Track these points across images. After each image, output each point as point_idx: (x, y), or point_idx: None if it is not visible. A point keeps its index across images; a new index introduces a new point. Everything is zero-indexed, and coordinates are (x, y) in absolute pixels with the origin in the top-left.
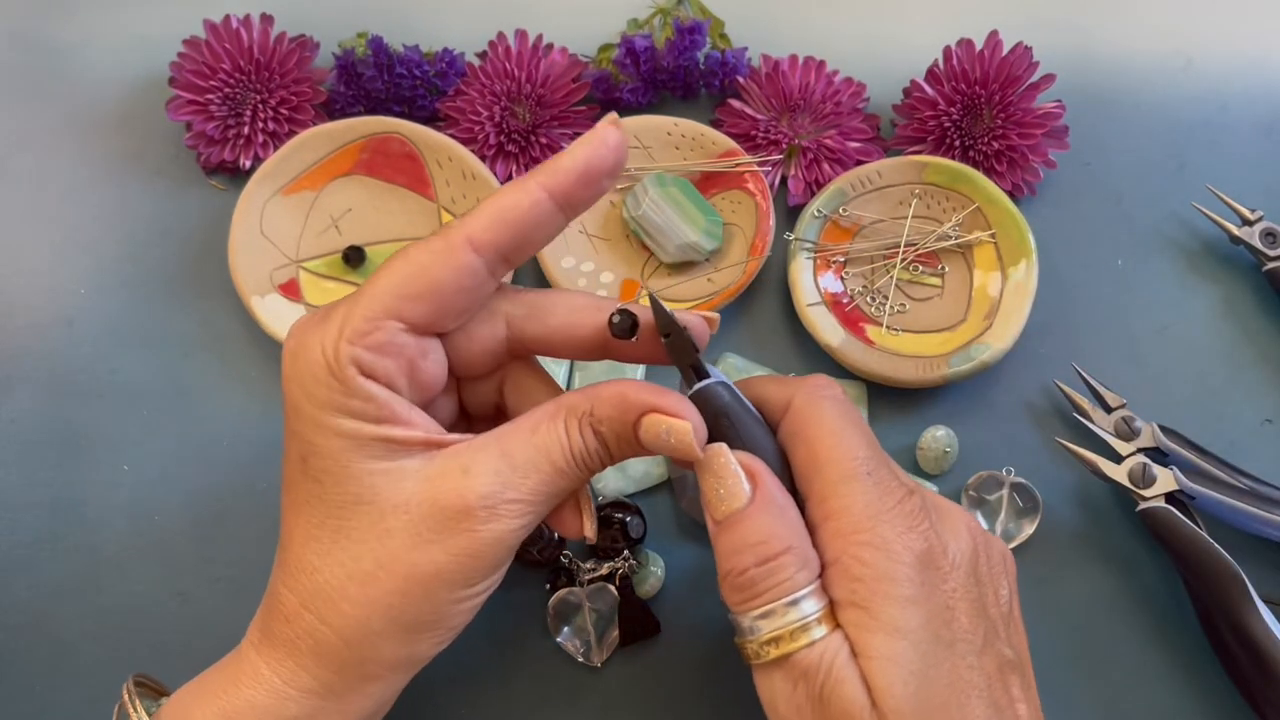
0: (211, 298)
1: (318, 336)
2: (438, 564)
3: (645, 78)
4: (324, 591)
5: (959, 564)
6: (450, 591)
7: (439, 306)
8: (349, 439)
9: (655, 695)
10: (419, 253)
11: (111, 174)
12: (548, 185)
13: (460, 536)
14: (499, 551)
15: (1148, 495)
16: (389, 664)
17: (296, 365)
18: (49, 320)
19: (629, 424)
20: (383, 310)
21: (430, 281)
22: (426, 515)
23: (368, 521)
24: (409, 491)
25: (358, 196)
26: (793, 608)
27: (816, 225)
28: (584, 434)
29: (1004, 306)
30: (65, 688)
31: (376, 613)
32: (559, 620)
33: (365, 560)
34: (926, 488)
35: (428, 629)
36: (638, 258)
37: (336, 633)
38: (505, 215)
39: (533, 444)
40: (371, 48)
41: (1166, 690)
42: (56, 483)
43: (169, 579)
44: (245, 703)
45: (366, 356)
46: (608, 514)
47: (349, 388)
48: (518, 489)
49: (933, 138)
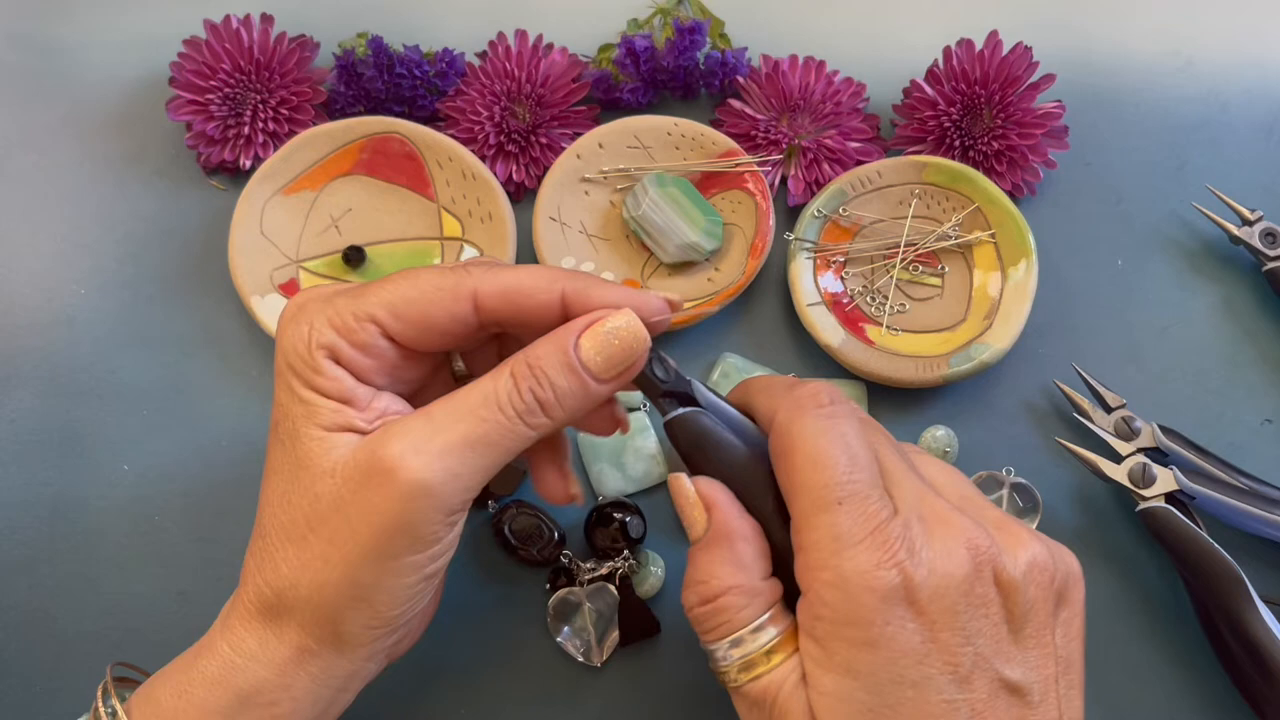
0: (211, 298)
1: (311, 314)
2: (355, 526)
3: (645, 78)
4: (269, 552)
5: (942, 592)
6: (371, 560)
7: (421, 335)
8: (308, 406)
9: (655, 695)
10: (427, 281)
11: (111, 174)
12: (569, 298)
13: (375, 495)
14: (417, 515)
15: (1148, 495)
16: (320, 635)
17: (285, 334)
18: (49, 320)
19: (566, 349)
20: (370, 316)
21: (423, 313)
22: (349, 477)
23: (304, 484)
24: (337, 457)
25: (358, 196)
26: (751, 636)
27: (816, 225)
28: (516, 375)
29: (1004, 306)
30: (65, 687)
31: (304, 577)
32: (559, 620)
33: (300, 523)
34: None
35: (350, 603)
36: (638, 258)
37: (275, 593)
38: (518, 296)
39: (457, 397)
40: (371, 48)
41: (1166, 690)
42: (56, 483)
43: (169, 579)
44: (199, 675)
45: (344, 348)
46: (608, 514)
47: (316, 367)
48: (433, 438)
49: (933, 138)
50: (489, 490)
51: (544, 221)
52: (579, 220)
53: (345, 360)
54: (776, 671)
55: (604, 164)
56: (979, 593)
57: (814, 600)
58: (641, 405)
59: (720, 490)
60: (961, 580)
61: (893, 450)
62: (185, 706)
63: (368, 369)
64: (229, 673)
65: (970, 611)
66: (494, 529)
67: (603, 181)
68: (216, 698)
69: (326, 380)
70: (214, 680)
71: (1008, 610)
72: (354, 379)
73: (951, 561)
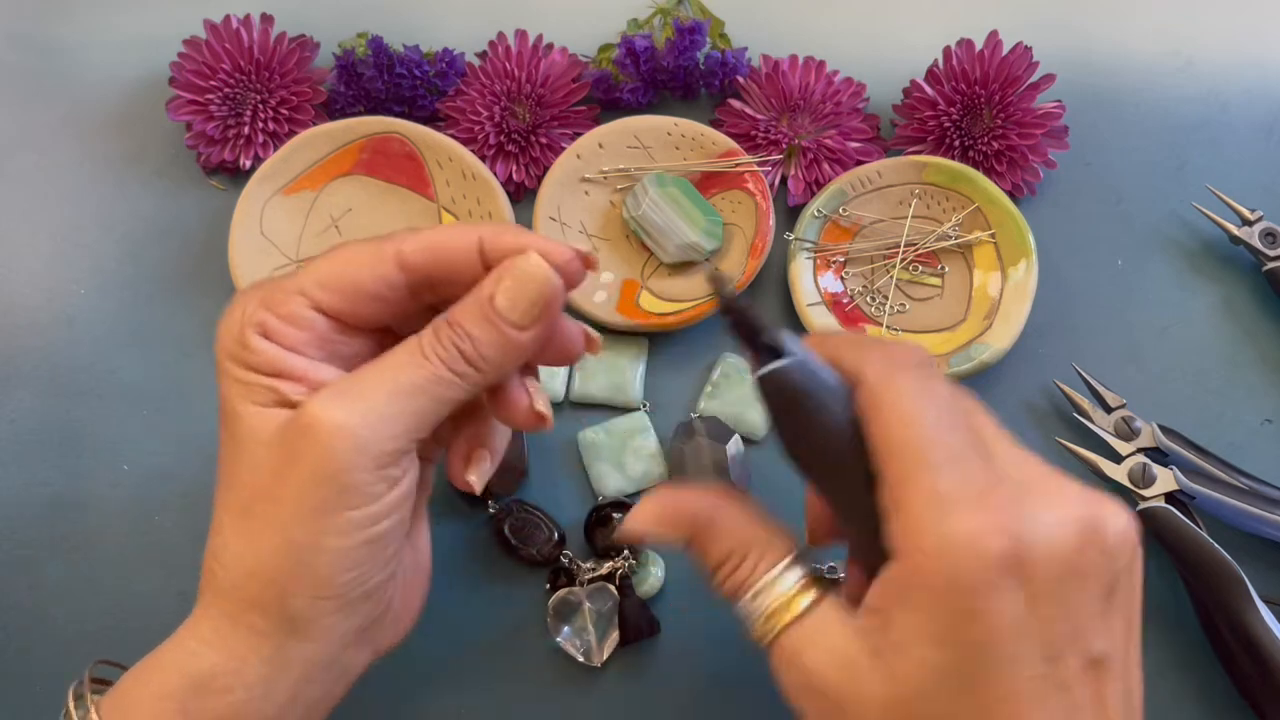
0: (211, 298)
1: (244, 299)
2: (290, 486)
3: (645, 78)
4: (220, 533)
5: (1050, 562)
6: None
7: (350, 303)
8: (242, 384)
9: (655, 695)
10: (352, 249)
11: (111, 174)
12: (486, 243)
13: (305, 450)
14: (346, 465)
15: (1148, 495)
16: (267, 614)
17: (222, 321)
18: (49, 320)
19: (483, 300)
20: (297, 289)
21: (349, 280)
22: (284, 440)
23: (245, 460)
24: (273, 427)
25: (358, 196)
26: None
27: (816, 225)
28: (438, 329)
29: (1004, 306)
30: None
31: (250, 548)
32: (559, 620)
33: (245, 497)
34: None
35: (294, 575)
36: (638, 258)
37: (225, 571)
38: (439, 250)
39: (383, 357)
40: (371, 48)
41: (1166, 690)
42: (56, 483)
43: (169, 579)
44: (157, 661)
45: (272, 322)
46: (608, 514)
47: (245, 343)
48: (358, 389)
49: (933, 138)
50: (489, 490)
51: (544, 221)
52: (579, 220)
53: (274, 334)
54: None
55: (604, 164)
56: (1083, 564)
57: (911, 566)
58: (642, 405)
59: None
60: (1071, 550)
61: (986, 415)
62: (143, 694)
63: (299, 341)
64: (184, 658)
65: (1073, 583)
66: (494, 529)
67: (603, 181)
68: (171, 682)
69: (256, 356)
70: (170, 666)
71: (1105, 585)
72: (285, 351)
73: (1062, 530)
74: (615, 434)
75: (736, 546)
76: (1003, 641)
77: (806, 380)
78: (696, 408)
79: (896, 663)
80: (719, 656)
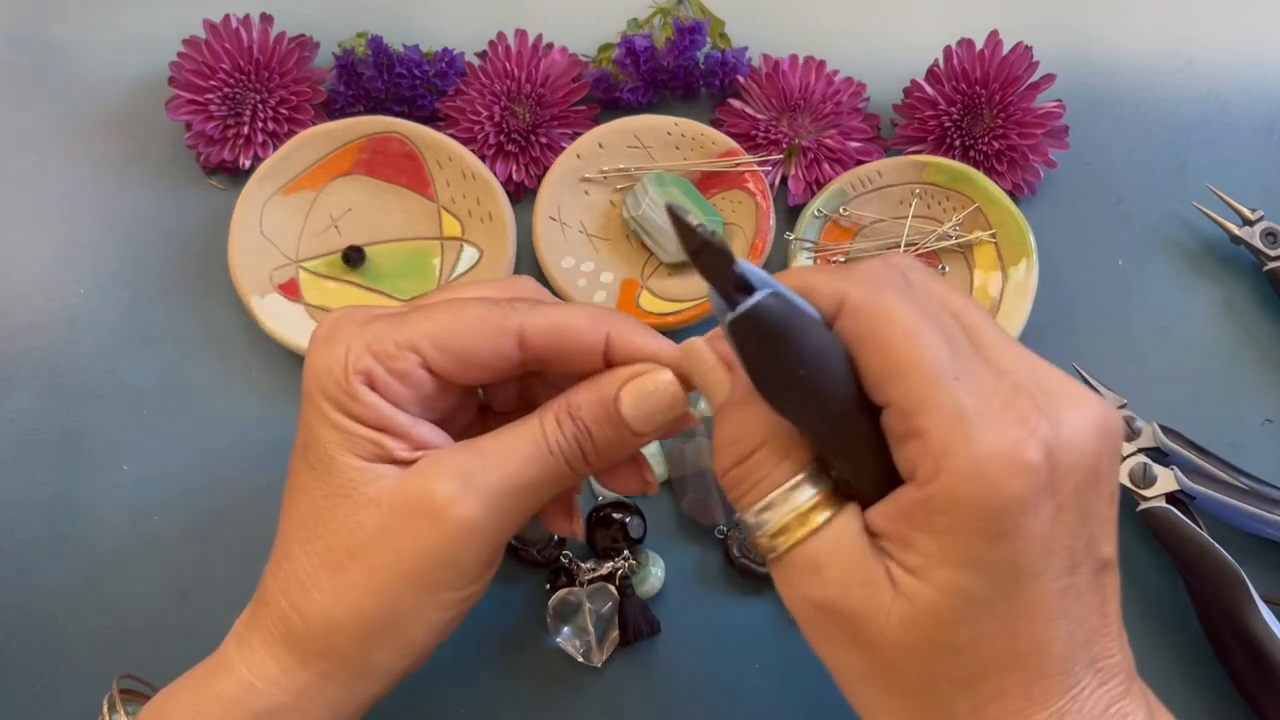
0: (211, 298)
1: (346, 337)
2: (401, 557)
3: (645, 78)
4: (298, 577)
5: (1075, 470)
6: (410, 594)
7: (462, 369)
8: (344, 433)
9: (655, 695)
10: (473, 314)
11: (111, 174)
12: (613, 342)
13: (424, 528)
14: (463, 551)
15: (1148, 495)
16: (346, 663)
17: (318, 356)
18: (49, 320)
19: (609, 401)
20: (411, 345)
21: (466, 347)
22: (396, 508)
23: (344, 513)
24: (383, 487)
25: (358, 196)
26: (785, 500)
27: (817, 225)
28: (561, 422)
29: (1004, 306)
30: (65, 688)
31: (340, 604)
32: (559, 620)
33: (338, 550)
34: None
35: (386, 634)
36: (638, 258)
37: (304, 620)
38: (564, 335)
39: (506, 437)
40: (371, 48)
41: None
42: (56, 483)
43: (169, 579)
44: (214, 695)
45: (381, 374)
46: (607, 514)
47: (352, 393)
48: (485, 477)
49: (933, 137)
50: None
51: (544, 221)
52: (579, 220)
53: (381, 387)
54: (820, 536)
55: (604, 164)
56: (1101, 468)
57: (936, 491)
58: None
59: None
60: (1093, 455)
61: (979, 310)
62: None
63: (404, 398)
64: (246, 695)
65: (1092, 490)
66: None
67: (603, 181)
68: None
69: (362, 407)
70: (230, 702)
71: (1112, 484)
72: (391, 406)
73: (1084, 435)
74: None
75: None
76: (1032, 559)
77: (787, 312)
78: (697, 408)
79: (919, 584)
80: (719, 656)
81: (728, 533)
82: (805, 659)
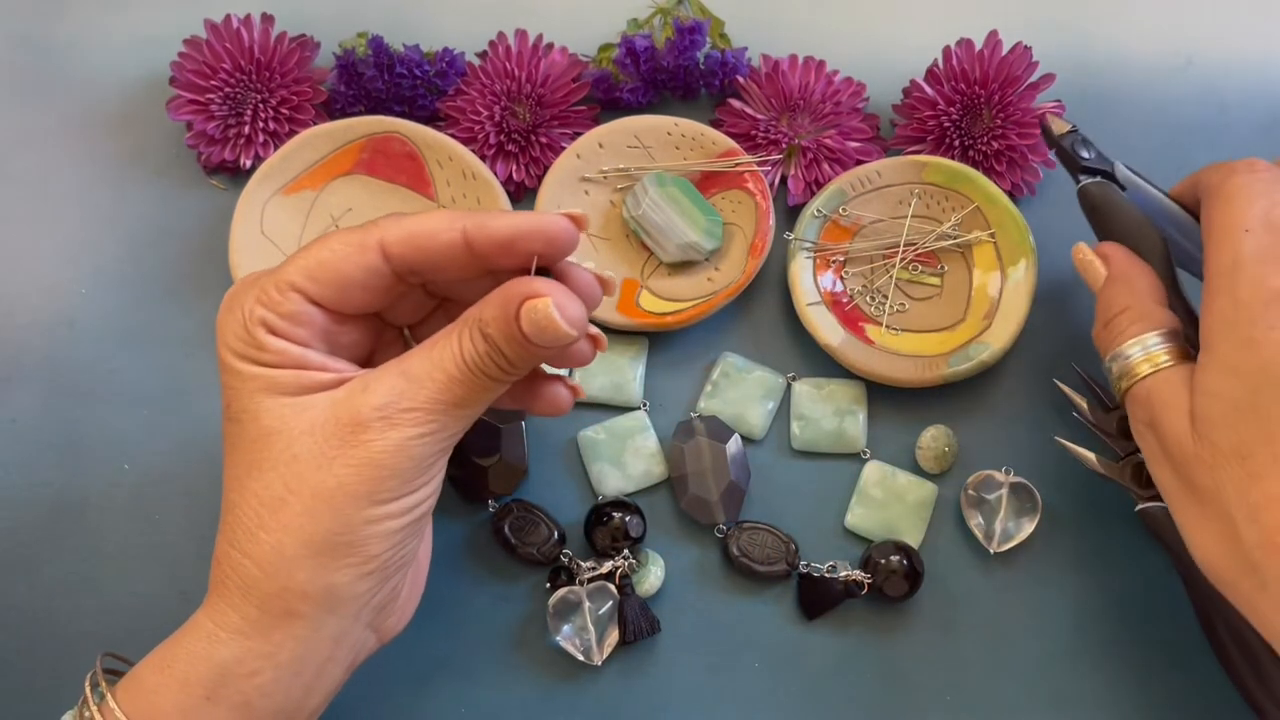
0: (211, 298)
1: (240, 297)
2: (340, 478)
3: (645, 78)
4: (243, 524)
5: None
6: (357, 508)
7: (341, 294)
8: (262, 380)
9: (655, 695)
10: (336, 239)
11: (111, 174)
12: (470, 231)
13: (359, 449)
14: (401, 463)
15: (1147, 495)
16: (308, 595)
17: (223, 322)
18: (49, 320)
19: (511, 319)
20: (290, 284)
21: (335, 271)
22: (329, 434)
23: (278, 449)
24: (314, 416)
25: (358, 196)
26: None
27: (816, 225)
28: (474, 339)
29: (1003, 306)
30: (66, 687)
31: (289, 537)
32: (559, 620)
33: (275, 486)
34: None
35: (342, 553)
36: (638, 257)
37: (255, 563)
38: (420, 238)
39: (429, 357)
40: (372, 47)
41: (1166, 690)
42: (57, 482)
43: (169, 579)
44: (183, 651)
45: (275, 320)
46: (608, 513)
47: (259, 343)
48: (413, 398)
49: (932, 137)
50: (489, 489)
51: None
52: None
53: (280, 332)
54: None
55: (604, 164)
56: None
57: (1207, 307)
58: (642, 405)
59: (1113, 246)
60: None
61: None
62: (166, 681)
63: (304, 337)
64: (211, 646)
65: None
66: (494, 529)
67: (603, 181)
68: (198, 671)
69: (272, 354)
70: (195, 655)
71: None
72: (297, 346)
73: None
74: (615, 433)
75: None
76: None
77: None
78: (696, 407)
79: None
80: (719, 656)
81: (728, 532)
82: (804, 658)
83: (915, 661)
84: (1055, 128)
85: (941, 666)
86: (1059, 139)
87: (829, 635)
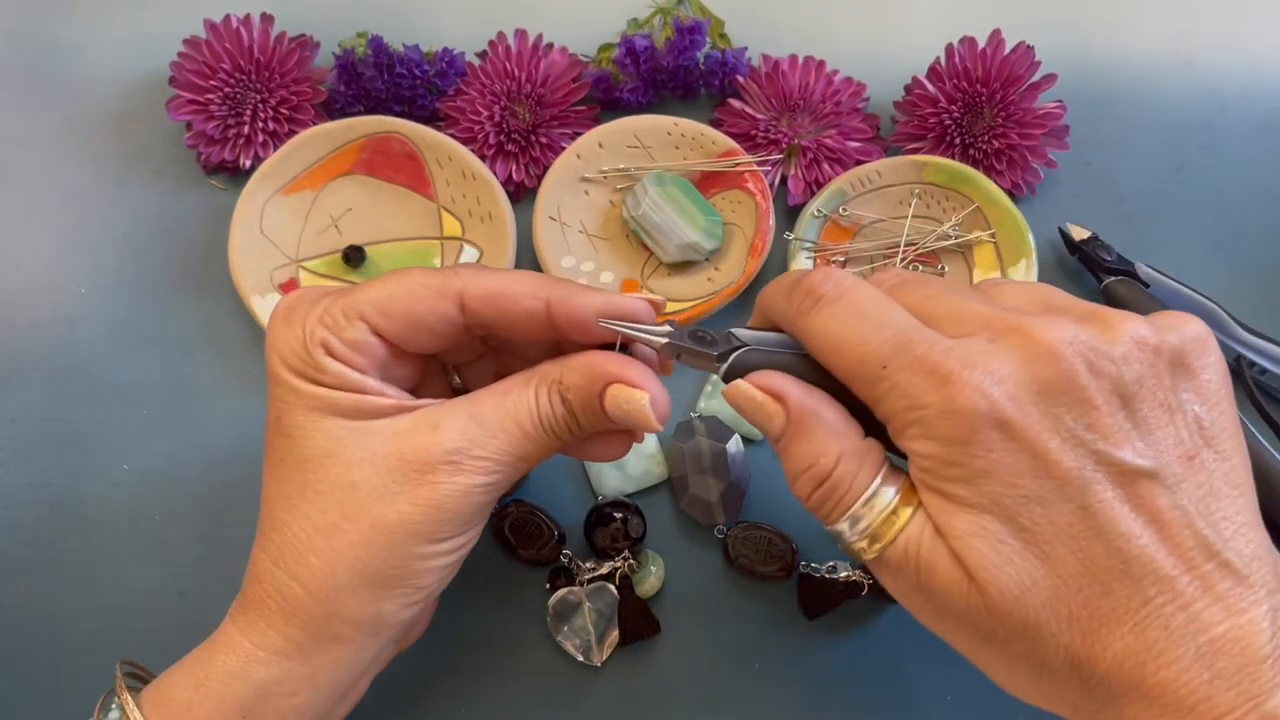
0: (211, 297)
1: (302, 313)
2: (402, 514)
3: (645, 78)
4: (291, 545)
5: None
6: (415, 544)
7: (409, 333)
8: (320, 400)
9: (655, 695)
10: (414, 279)
11: (111, 174)
12: (554, 304)
13: (425, 488)
14: (464, 507)
15: None
16: (355, 621)
17: (279, 333)
18: (49, 320)
19: (595, 393)
20: (359, 313)
21: (409, 310)
22: (393, 467)
23: (334, 474)
24: (376, 445)
25: (358, 196)
26: (873, 502)
27: (816, 225)
28: (552, 400)
29: None
30: (66, 687)
31: (341, 564)
32: (559, 620)
33: (331, 512)
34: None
35: (393, 584)
36: (638, 257)
37: (303, 586)
38: (503, 300)
39: (503, 406)
40: (371, 47)
41: None
42: (56, 483)
43: (169, 579)
44: (218, 669)
45: (337, 344)
46: (608, 514)
47: (317, 364)
48: (484, 447)
49: (933, 135)
50: None
51: (544, 221)
52: (579, 220)
53: (340, 356)
54: (907, 531)
55: (604, 164)
56: (1074, 389)
57: (915, 456)
58: None
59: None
60: (1047, 383)
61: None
62: (201, 699)
63: (361, 365)
64: (250, 665)
65: (1070, 411)
66: (494, 529)
67: (603, 181)
68: (235, 690)
69: (330, 376)
70: (233, 674)
71: (1119, 398)
72: (357, 373)
73: (1030, 367)
74: None
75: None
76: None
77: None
78: (696, 408)
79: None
80: (719, 656)
81: (728, 532)
82: (804, 659)
83: (915, 662)
84: (1075, 234)
85: (941, 666)
86: (1080, 244)
87: (829, 635)
